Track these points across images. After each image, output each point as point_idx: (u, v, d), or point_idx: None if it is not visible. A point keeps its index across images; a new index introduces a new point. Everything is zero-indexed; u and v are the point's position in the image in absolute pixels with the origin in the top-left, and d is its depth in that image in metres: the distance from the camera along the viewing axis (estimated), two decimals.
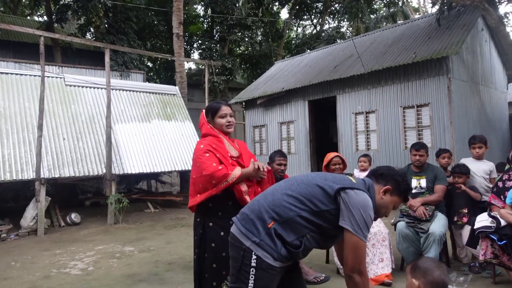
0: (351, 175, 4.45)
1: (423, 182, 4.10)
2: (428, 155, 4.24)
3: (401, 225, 3.98)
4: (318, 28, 25.66)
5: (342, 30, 24.74)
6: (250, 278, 1.84)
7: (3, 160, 7.30)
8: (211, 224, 2.46)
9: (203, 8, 23.52)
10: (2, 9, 22.60)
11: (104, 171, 8.19)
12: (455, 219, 4.07)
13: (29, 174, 7.36)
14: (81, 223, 8.15)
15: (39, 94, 7.78)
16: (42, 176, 7.36)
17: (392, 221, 4.31)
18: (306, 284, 2.24)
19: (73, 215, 8.15)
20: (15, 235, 7.04)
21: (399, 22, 17.66)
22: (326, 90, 11.14)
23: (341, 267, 3.58)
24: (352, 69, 10.42)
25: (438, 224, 3.83)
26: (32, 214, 7.22)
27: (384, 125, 9.68)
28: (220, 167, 2.41)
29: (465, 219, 4.02)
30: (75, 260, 5.25)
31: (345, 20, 24.52)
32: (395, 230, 4.12)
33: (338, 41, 20.26)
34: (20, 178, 7.27)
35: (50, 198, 7.60)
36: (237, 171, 2.42)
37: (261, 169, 2.49)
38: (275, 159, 4.05)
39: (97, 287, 4.08)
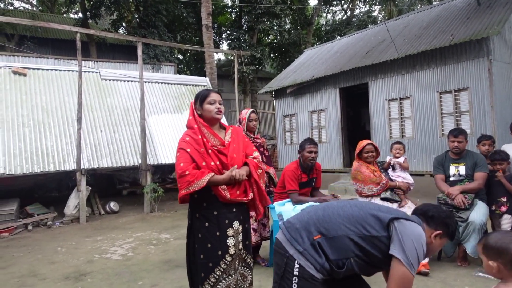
0: (383, 163, 4.37)
1: (462, 170, 3.95)
2: (467, 141, 4.06)
3: None
4: (349, 13, 24.95)
5: (374, 14, 23.89)
6: (293, 286, 1.83)
7: (46, 152, 7.72)
8: (197, 215, 2.38)
9: None
10: (40, 8, 23.64)
11: (140, 161, 8.47)
12: (493, 208, 3.89)
13: (71, 165, 7.75)
14: (119, 212, 8.51)
15: (77, 89, 8.12)
16: (82, 167, 7.73)
17: None
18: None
19: (112, 204, 8.52)
20: (59, 223, 7.47)
21: (434, 3, 16.82)
22: (357, 76, 10.87)
23: None
24: (385, 54, 10.08)
25: (478, 213, 3.69)
26: (74, 203, 7.62)
27: (419, 112, 9.33)
28: (187, 172, 2.26)
29: (503, 208, 3.83)
30: (115, 246, 5.52)
31: (377, 3, 23.68)
32: None
33: (370, 26, 19.62)
34: (63, 169, 7.67)
35: (90, 188, 7.98)
36: (202, 181, 2.25)
37: (237, 178, 2.31)
38: (305, 147, 4.02)
39: (137, 271, 4.27)
